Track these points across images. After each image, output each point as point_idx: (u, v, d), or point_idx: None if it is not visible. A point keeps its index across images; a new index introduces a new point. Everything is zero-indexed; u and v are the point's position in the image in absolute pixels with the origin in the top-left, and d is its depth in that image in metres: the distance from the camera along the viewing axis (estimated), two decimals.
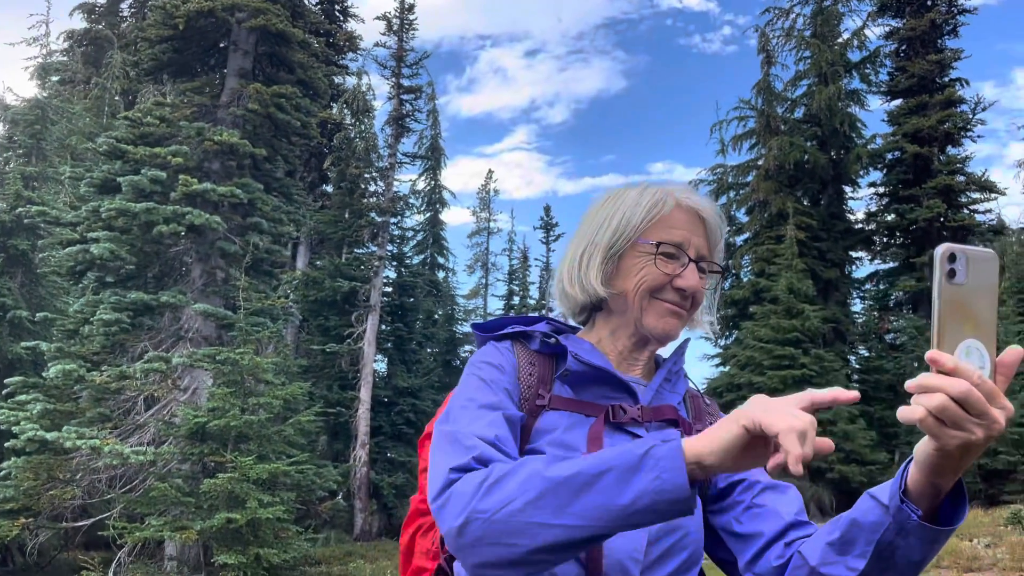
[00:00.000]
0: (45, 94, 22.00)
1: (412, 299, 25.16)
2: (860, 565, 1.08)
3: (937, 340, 0.85)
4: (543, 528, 0.99)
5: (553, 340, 1.33)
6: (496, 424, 1.20)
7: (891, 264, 27.92)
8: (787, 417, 0.91)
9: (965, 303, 0.86)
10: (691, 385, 1.43)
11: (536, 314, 1.43)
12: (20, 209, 15.34)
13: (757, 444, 0.96)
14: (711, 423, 1.34)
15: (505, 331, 1.38)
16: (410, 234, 29.45)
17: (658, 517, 0.99)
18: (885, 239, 28.44)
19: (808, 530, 1.24)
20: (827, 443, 0.93)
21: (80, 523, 12.71)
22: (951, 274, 0.85)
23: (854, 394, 0.95)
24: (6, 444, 12.36)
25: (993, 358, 0.86)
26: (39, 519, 12.48)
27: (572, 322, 1.47)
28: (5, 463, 12.34)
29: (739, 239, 29.76)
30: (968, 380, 0.84)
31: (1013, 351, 0.87)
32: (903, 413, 0.87)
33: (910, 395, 0.87)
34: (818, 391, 0.94)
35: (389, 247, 23.39)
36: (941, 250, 0.87)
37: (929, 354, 0.86)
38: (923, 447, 0.95)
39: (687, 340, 1.42)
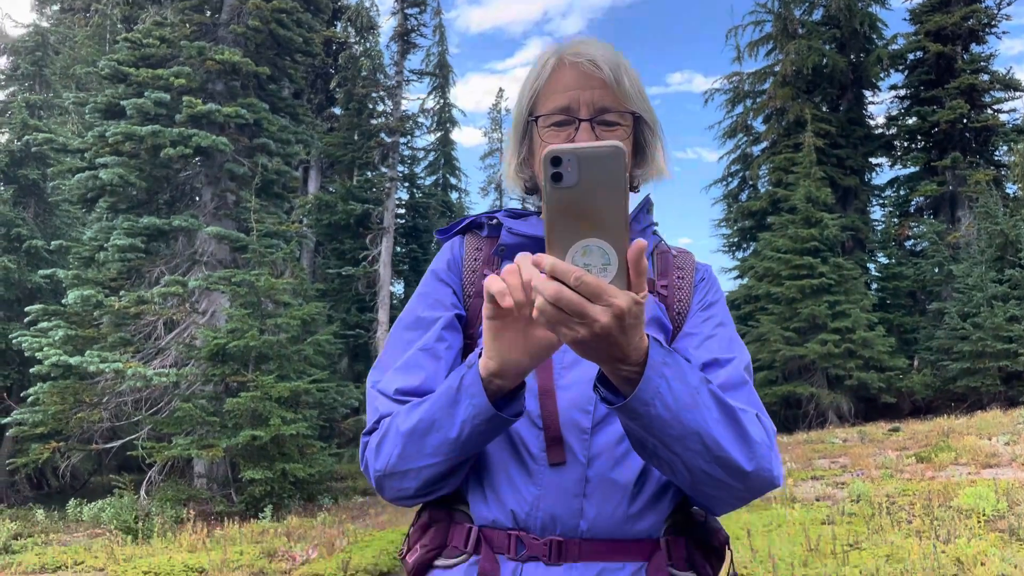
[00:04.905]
0: (45, 23, 21.63)
1: (426, 220, 25.08)
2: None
3: (547, 243, 0.86)
4: (418, 470, 1.13)
5: (495, 221, 1.33)
6: (419, 359, 1.23)
7: (912, 169, 27.37)
8: (495, 280, 0.93)
9: (577, 204, 0.85)
10: (663, 243, 1.38)
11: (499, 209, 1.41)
12: (27, 137, 15.25)
13: (513, 320, 0.97)
14: (679, 276, 1.33)
15: (459, 227, 1.39)
16: (421, 154, 29.19)
17: (486, 439, 1.09)
18: (906, 143, 27.81)
19: None
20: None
21: (110, 444, 13.01)
22: (556, 177, 0.85)
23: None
24: (31, 370, 12.57)
25: (621, 254, 0.85)
26: (69, 442, 12.79)
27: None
28: (32, 389, 12.58)
29: (756, 149, 29.23)
30: (564, 281, 0.83)
31: (634, 245, 0.84)
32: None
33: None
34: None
35: (400, 168, 23.18)
36: (543, 153, 0.88)
37: (533, 257, 0.89)
38: None
39: (647, 197, 1.37)
